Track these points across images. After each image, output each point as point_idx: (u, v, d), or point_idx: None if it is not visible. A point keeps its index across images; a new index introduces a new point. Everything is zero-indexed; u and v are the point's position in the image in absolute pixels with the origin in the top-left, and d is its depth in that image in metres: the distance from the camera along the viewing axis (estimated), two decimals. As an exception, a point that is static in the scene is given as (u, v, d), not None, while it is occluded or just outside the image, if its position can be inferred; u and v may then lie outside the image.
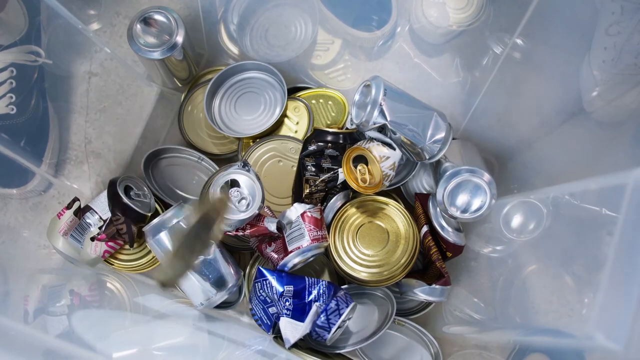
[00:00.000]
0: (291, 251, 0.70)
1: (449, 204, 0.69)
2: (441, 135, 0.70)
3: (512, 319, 0.67)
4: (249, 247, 0.79)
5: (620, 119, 0.66)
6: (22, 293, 0.68)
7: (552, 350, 0.63)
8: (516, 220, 0.71)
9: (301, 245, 0.70)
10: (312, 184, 0.74)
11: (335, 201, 0.76)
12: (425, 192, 0.80)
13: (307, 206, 0.72)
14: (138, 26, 0.73)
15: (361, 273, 0.73)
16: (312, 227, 0.70)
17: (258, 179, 0.71)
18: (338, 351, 0.73)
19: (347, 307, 0.69)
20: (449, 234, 0.72)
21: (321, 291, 0.69)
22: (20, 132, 0.76)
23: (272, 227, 0.71)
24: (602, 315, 0.40)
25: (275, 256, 0.72)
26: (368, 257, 0.74)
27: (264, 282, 0.71)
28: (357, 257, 0.74)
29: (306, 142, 0.75)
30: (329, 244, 0.74)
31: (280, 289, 0.69)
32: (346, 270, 0.74)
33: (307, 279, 0.71)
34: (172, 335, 0.69)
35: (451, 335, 0.76)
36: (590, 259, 0.48)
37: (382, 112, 0.68)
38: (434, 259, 0.72)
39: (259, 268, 0.72)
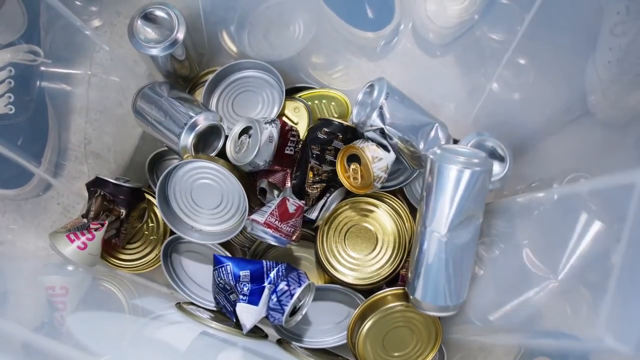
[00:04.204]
0: (247, 218, 0.69)
1: None
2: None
3: (518, 321, 0.66)
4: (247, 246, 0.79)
5: (625, 120, 0.65)
6: (19, 294, 0.67)
7: (558, 354, 0.62)
8: (521, 222, 0.70)
9: (256, 219, 0.68)
10: (316, 172, 0.72)
11: (334, 199, 0.75)
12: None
13: (294, 197, 0.71)
14: (139, 22, 0.72)
15: (348, 276, 0.73)
16: (277, 213, 0.68)
17: (270, 141, 0.70)
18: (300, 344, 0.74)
19: (299, 287, 0.66)
20: None
21: (279, 273, 0.68)
22: (19, 132, 0.75)
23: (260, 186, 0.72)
24: (611, 317, 0.40)
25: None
26: (354, 260, 0.73)
27: (222, 268, 0.69)
28: (343, 259, 0.73)
29: (314, 129, 0.73)
30: (290, 243, 0.71)
31: (237, 274, 0.67)
32: (331, 271, 0.73)
33: (264, 262, 0.69)
34: (171, 337, 0.68)
35: (455, 337, 0.75)
36: (599, 260, 0.47)
37: (381, 115, 0.67)
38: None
39: (215, 255, 0.70)
